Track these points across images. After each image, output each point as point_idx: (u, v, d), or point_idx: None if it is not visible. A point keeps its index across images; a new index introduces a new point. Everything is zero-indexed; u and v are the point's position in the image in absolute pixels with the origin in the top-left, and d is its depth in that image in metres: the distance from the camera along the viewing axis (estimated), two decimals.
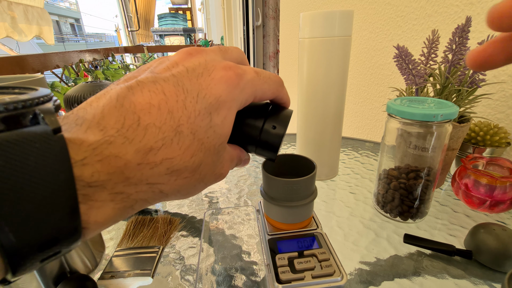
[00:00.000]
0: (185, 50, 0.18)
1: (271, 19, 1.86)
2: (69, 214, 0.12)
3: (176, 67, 0.17)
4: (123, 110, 0.14)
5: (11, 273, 0.11)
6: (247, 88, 0.18)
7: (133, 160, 0.13)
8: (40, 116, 0.12)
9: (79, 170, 0.12)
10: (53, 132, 0.12)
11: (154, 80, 0.15)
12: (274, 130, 0.20)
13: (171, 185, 0.15)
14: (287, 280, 0.24)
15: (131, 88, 0.15)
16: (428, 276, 0.30)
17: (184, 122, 0.15)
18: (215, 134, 0.16)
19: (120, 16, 4.83)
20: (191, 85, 0.16)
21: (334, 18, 0.39)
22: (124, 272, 0.30)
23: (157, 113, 0.14)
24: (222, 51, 0.19)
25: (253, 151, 0.22)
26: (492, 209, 0.37)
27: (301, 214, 0.30)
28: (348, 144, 0.67)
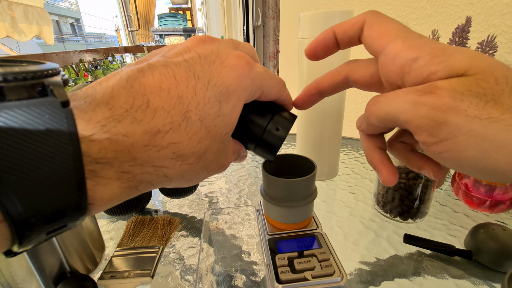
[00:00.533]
0: (198, 37, 0.18)
1: (271, 19, 1.85)
2: (76, 187, 0.12)
3: (188, 52, 0.17)
4: (132, 91, 0.14)
5: (18, 243, 0.11)
6: (257, 80, 0.18)
7: (140, 140, 0.13)
8: (49, 88, 0.12)
9: (86, 145, 0.12)
10: (62, 105, 0.12)
11: (165, 64, 0.15)
12: (277, 132, 0.20)
13: (176, 169, 0.15)
14: (287, 280, 0.24)
15: (142, 70, 0.15)
16: (428, 276, 0.30)
17: (193, 108, 0.15)
18: (222, 123, 0.16)
19: (120, 16, 4.83)
20: (202, 72, 0.16)
21: (334, 18, 0.39)
22: (124, 272, 0.30)
23: (166, 97, 0.14)
24: (235, 44, 0.19)
25: (252, 149, 0.22)
26: (492, 209, 0.37)
27: (301, 214, 0.30)
28: (348, 144, 0.67)
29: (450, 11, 0.56)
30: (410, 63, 0.15)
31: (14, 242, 0.11)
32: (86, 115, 0.13)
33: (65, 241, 0.27)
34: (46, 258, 0.26)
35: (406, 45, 0.15)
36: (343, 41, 0.19)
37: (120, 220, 0.41)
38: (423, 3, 0.60)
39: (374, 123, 0.16)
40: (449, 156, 0.13)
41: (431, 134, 0.13)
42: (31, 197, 0.10)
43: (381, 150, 0.19)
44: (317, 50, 0.20)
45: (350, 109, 0.85)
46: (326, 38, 0.19)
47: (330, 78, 0.21)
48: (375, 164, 0.19)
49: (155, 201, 0.46)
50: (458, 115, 0.12)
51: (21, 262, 0.25)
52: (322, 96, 0.22)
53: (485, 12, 0.51)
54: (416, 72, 0.14)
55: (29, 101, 0.11)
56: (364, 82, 0.19)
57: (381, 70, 0.17)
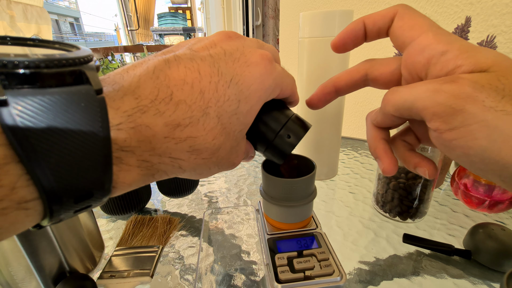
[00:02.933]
0: (224, 32, 0.18)
1: (271, 19, 1.85)
2: (104, 171, 0.12)
3: (214, 47, 0.17)
4: (158, 82, 0.14)
5: (49, 218, 0.12)
6: (278, 80, 0.18)
7: (161, 132, 0.14)
8: (85, 76, 0.12)
9: (114, 133, 0.13)
10: (96, 93, 0.12)
11: (191, 57, 0.16)
12: (289, 139, 0.20)
13: (190, 163, 0.16)
14: (287, 280, 0.24)
15: (168, 61, 0.15)
16: (427, 276, 0.30)
17: (213, 105, 0.15)
18: (238, 121, 0.17)
19: (119, 15, 4.82)
20: (226, 69, 0.16)
21: (334, 18, 0.39)
22: (123, 272, 0.30)
23: (189, 91, 0.15)
24: (260, 43, 0.20)
25: (261, 151, 0.21)
26: (491, 209, 0.37)
27: (300, 213, 0.30)
28: (348, 144, 0.67)
29: (449, 11, 0.56)
30: (439, 56, 0.15)
31: (45, 217, 0.12)
32: (114, 103, 0.13)
33: (65, 241, 0.27)
34: (46, 258, 0.26)
35: (437, 38, 0.15)
36: (372, 32, 0.19)
37: (119, 220, 0.41)
38: (423, 3, 0.60)
39: (390, 111, 0.17)
40: (458, 144, 0.14)
41: (446, 121, 0.14)
42: (64, 175, 0.11)
43: (385, 141, 0.20)
44: (347, 41, 0.20)
45: (350, 109, 0.85)
46: (356, 28, 0.19)
47: (348, 75, 0.21)
48: (378, 153, 0.19)
49: (155, 201, 0.46)
50: (476, 104, 0.13)
51: (20, 261, 0.25)
52: (338, 94, 0.22)
53: (484, 12, 0.51)
54: (443, 64, 0.15)
55: (68, 89, 0.12)
56: (383, 80, 0.19)
57: (406, 61, 0.17)
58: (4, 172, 0.10)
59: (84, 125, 0.12)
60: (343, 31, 0.20)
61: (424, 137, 0.20)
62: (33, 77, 0.11)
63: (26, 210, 0.11)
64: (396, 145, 0.20)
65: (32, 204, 0.11)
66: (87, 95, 0.12)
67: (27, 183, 0.11)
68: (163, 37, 6.73)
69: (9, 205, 0.10)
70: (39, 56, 0.11)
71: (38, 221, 0.12)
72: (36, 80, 0.11)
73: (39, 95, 0.11)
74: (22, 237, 0.24)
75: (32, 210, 0.11)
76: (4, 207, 0.10)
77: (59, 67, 0.11)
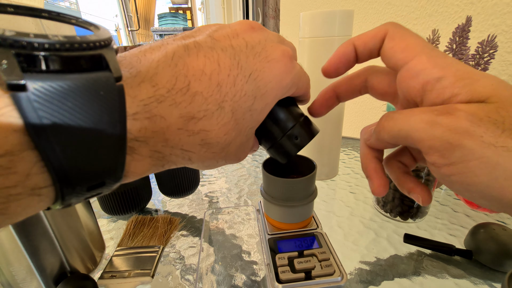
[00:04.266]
0: (247, 22, 0.18)
1: (271, 19, 1.85)
2: (117, 161, 0.12)
3: (236, 38, 0.16)
4: (176, 70, 0.14)
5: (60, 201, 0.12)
6: (295, 79, 0.18)
7: (175, 124, 0.14)
8: (105, 61, 0.12)
9: (130, 123, 0.13)
10: (115, 80, 0.12)
11: (212, 46, 0.15)
12: (296, 141, 0.20)
13: (200, 156, 0.16)
14: (287, 280, 0.24)
15: (188, 48, 0.15)
16: (428, 275, 0.30)
17: (229, 99, 0.15)
18: (251, 118, 0.16)
19: (120, 15, 4.82)
20: (246, 63, 0.16)
21: (334, 17, 0.39)
22: (124, 272, 0.30)
23: (207, 82, 0.14)
24: (281, 39, 0.19)
25: (266, 147, 0.21)
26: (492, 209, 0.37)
27: (301, 213, 0.30)
28: (348, 144, 0.67)
29: (450, 11, 0.56)
30: (434, 82, 0.14)
31: (56, 201, 0.12)
32: (132, 90, 0.13)
33: (66, 241, 0.27)
34: (47, 258, 0.26)
35: (431, 62, 0.15)
36: (363, 55, 0.19)
37: (120, 220, 0.41)
38: (423, 2, 0.60)
39: (385, 138, 0.16)
40: (458, 179, 0.13)
41: (443, 156, 0.13)
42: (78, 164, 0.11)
43: (377, 160, 0.19)
44: (339, 66, 0.19)
45: (350, 109, 0.85)
46: (346, 52, 0.19)
47: (348, 81, 0.21)
48: (369, 172, 0.19)
49: (155, 201, 0.46)
50: (474, 139, 0.12)
51: (21, 261, 0.25)
52: (338, 100, 0.22)
53: (485, 11, 0.51)
54: (438, 92, 0.14)
55: (88, 75, 0.11)
56: (381, 90, 0.19)
57: (400, 84, 0.16)
58: (19, 159, 0.10)
59: (102, 115, 0.11)
60: (334, 56, 0.19)
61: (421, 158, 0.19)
62: (52, 60, 0.10)
63: (39, 196, 0.11)
64: (390, 166, 0.20)
65: (46, 191, 0.11)
66: (107, 83, 0.12)
67: (42, 170, 0.10)
68: (163, 37, 6.72)
69: (23, 191, 0.10)
70: (59, 38, 0.11)
71: (49, 205, 0.12)
72: (55, 64, 0.11)
73: (58, 80, 0.10)
74: (23, 237, 0.24)
75: (45, 196, 0.11)
76: (18, 193, 0.10)
77: (79, 51, 0.11)
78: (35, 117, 0.10)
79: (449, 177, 0.14)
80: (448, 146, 0.13)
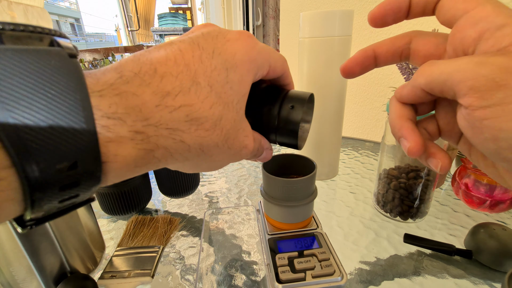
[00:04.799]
0: (200, 24, 0.19)
1: (271, 19, 1.85)
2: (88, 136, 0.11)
3: (191, 33, 0.17)
4: (139, 62, 0.14)
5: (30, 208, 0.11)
6: (263, 53, 0.18)
7: (150, 100, 0.14)
8: (56, 43, 0.12)
9: (96, 99, 0.12)
10: (69, 55, 0.11)
11: (170, 43, 0.16)
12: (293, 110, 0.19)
13: (191, 134, 0.15)
14: (287, 280, 0.24)
15: (148, 50, 0.15)
16: (428, 275, 0.30)
17: (201, 74, 0.15)
18: (232, 90, 0.17)
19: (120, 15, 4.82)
20: (206, 44, 0.16)
21: (334, 18, 0.39)
22: (124, 272, 0.30)
23: (173, 65, 0.15)
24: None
25: (274, 139, 0.21)
26: (492, 209, 0.37)
27: (301, 214, 0.30)
28: (348, 144, 0.67)
29: None
30: (494, 29, 0.14)
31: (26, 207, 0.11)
32: (94, 75, 0.13)
33: (66, 241, 0.27)
34: (47, 258, 0.26)
35: (496, 11, 0.14)
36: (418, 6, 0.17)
37: (120, 220, 0.41)
38: None
39: (421, 83, 0.15)
40: (490, 124, 0.13)
41: (483, 97, 0.12)
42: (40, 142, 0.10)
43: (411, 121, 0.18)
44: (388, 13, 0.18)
45: (350, 109, 0.85)
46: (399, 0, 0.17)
47: (390, 41, 0.19)
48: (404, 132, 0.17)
49: (155, 201, 0.46)
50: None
51: (21, 261, 0.25)
52: (376, 62, 0.20)
53: None
54: (496, 39, 0.13)
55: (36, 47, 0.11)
56: (426, 51, 0.18)
57: (454, 35, 0.15)
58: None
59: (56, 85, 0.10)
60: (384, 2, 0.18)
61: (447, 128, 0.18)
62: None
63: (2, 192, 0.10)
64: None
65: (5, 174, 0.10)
66: (59, 55, 0.11)
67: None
68: (163, 37, 6.73)
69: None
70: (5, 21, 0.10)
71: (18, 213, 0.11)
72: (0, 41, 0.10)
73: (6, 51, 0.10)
74: (23, 237, 0.24)
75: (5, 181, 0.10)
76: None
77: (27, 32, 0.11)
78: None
79: (482, 121, 0.13)
80: (492, 85, 0.12)
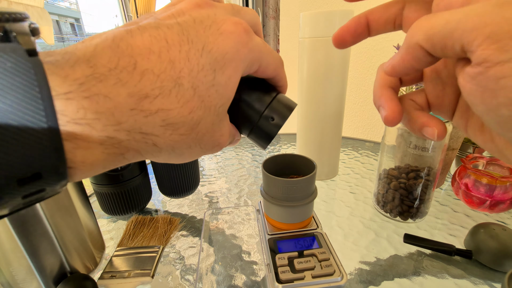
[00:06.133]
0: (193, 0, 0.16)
1: (271, 19, 1.85)
2: (51, 148, 0.11)
3: (182, 15, 0.15)
4: (118, 51, 0.13)
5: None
6: (255, 51, 0.16)
7: (125, 104, 0.12)
8: (12, 34, 0.10)
9: (62, 103, 0.11)
10: (27, 53, 0.10)
11: (156, 26, 0.14)
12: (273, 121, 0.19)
13: (165, 139, 0.14)
14: (287, 280, 0.24)
15: (130, 31, 0.13)
16: (428, 276, 0.30)
17: (185, 75, 0.14)
18: (217, 94, 0.15)
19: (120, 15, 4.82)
20: (197, 37, 0.14)
21: (334, 18, 0.39)
22: (124, 272, 0.30)
23: (156, 60, 0.13)
24: (235, 10, 0.17)
25: (246, 134, 0.21)
26: (492, 209, 0.37)
27: (301, 214, 0.30)
28: (348, 144, 0.67)
29: None
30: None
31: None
32: (62, 71, 0.11)
33: (65, 241, 0.27)
34: (47, 258, 0.26)
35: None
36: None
37: (120, 220, 0.41)
38: None
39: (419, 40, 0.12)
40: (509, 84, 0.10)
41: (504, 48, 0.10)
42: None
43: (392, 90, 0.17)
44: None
45: (350, 109, 0.85)
46: None
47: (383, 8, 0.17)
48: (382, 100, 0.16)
49: (155, 201, 0.46)
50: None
51: (21, 262, 0.25)
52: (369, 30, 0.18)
53: None
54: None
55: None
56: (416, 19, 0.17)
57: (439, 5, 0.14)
58: None
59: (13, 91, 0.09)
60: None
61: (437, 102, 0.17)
62: None
63: None
64: (403, 103, 0.17)
65: None
66: (14, 54, 0.10)
67: None
68: None
69: None
70: None
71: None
72: None
73: None
74: (23, 237, 0.24)
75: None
76: None
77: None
78: None
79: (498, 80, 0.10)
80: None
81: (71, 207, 0.29)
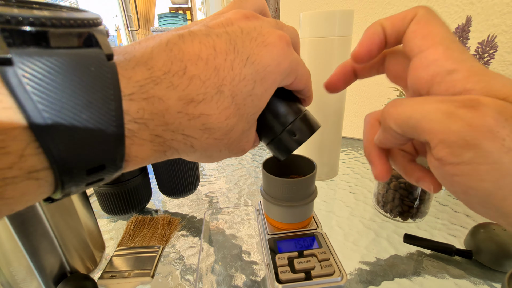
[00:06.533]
0: (242, 11, 0.17)
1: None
2: (116, 142, 0.12)
3: (230, 25, 0.16)
4: (171, 55, 0.14)
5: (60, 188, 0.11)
6: (294, 65, 0.17)
7: (174, 106, 0.14)
8: (94, 39, 0.12)
9: (127, 103, 0.12)
10: (107, 58, 0.12)
11: (206, 33, 0.15)
12: (295, 137, 0.20)
13: (202, 142, 0.15)
14: (287, 280, 0.24)
15: (182, 36, 0.15)
16: (428, 276, 0.30)
17: (227, 83, 0.15)
18: (252, 103, 0.16)
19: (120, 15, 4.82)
20: (243, 47, 0.15)
21: (334, 18, 0.39)
22: (124, 272, 0.30)
23: (203, 67, 0.14)
24: (279, 25, 0.18)
25: (265, 142, 0.21)
26: None
27: (301, 214, 0.30)
28: (348, 144, 0.67)
29: (450, 11, 0.56)
30: (444, 74, 0.13)
31: (57, 189, 0.11)
32: (126, 72, 0.12)
33: (65, 241, 0.27)
34: (47, 258, 0.26)
35: (447, 54, 0.14)
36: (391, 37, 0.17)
37: (120, 220, 0.41)
38: (423, 3, 0.60)
39: (392, 127, 0.14)
40: (460, 181, 0.12)
41: (453, 153, 0.12)
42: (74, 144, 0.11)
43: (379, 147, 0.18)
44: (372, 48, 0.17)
45: (350, 109, 0.85)
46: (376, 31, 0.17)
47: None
48: (372, 157, 0.18)
49: (155, 201, 0.46)
50: (494, 142, 0.11)
51: (21, 261, 0.25)
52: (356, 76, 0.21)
53: (485, 11, 0.51)
54: (448, 84, 0.13)
55: (77, 51, 0.11)
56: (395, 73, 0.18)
57: (410, 73, 0.15)
58: (11, 138, 0.09)
59: (95, 92, 0.11)
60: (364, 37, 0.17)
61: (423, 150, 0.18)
62: (39, 36, 0.10)
63: (37, 180, 0.10)
64: (394, 155, 0.19)
65: (43, 174, 0.10)
66: (98, 59, 0.11)
67: (37, 151, 0.10)
68: None
69: (19, 174, 0.10)
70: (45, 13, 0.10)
71: (49, 193, 0.11)
72: (42, 39, 0.10)
73: (46, 55, 0.10)
74: (23, 237, 0.24)
75: (43, 180, 0.11)
76: (14, 175, 0.10)
77: (66, 27, 0.11)
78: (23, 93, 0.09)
79: (452, 177, 0.12)
80: (463, 144, 0.11)
81: (71, 207, 0.29)
